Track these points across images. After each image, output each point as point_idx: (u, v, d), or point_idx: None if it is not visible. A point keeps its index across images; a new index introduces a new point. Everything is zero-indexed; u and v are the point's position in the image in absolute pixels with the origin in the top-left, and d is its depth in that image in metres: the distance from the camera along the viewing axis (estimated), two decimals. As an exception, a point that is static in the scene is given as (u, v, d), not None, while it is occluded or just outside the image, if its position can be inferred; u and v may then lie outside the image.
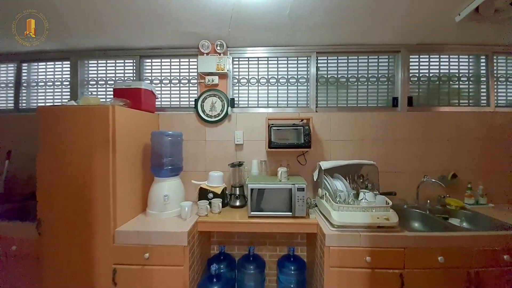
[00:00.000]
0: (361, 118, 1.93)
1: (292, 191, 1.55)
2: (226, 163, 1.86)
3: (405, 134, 1.92)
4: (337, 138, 1.93)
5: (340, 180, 1.64)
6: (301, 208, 1.55)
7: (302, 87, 2.02)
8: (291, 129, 1.73)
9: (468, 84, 2.00)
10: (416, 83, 1.99)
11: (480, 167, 1.92)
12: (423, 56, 1.99)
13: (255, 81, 2.02)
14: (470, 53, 1.99)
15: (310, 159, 1.92)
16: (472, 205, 1.83)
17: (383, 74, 2.00)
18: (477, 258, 1.32)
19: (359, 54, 1.99)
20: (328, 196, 1.53)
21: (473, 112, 1.94)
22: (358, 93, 2.01)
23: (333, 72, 2.01)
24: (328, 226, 1.43)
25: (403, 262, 1.33)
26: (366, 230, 1.36)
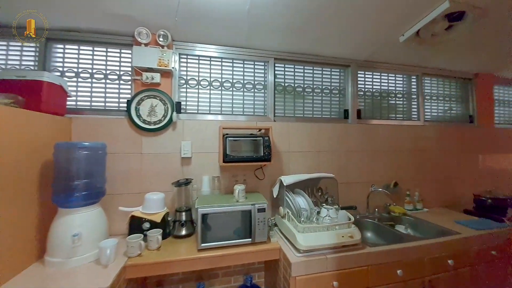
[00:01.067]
0: (317, 129, 1.89)
1: (252, 213, 1.33)
2: (169, 181, 1.50)
3: (355, 145, 1.98)
4: (296, 150, 1.83)
5: (302, 196, 1.51)
6: (262, 231, 1.34)
7: (259, 94, 1.85)
8: (249, 140, 1.52)
9: (402, 100, 2.24)
10: (363, 97, 2.10)
11: (415, 176, 2.13)
12: (368, 73, 2.12)
13: (206, 83, 1.74)
14: (404, 73, 2.23)
15: (268, 173, 1.75)
16: (411, 210, 2.00)
17: (335, 86, 2.04)
18: (428, 266, 1.37)
19: (314, 65, 1.98)
20: (291, 216, 1.37)
21: (408, 125, 2.16)
22: (314, 104, 1.98)
23: (290, 81, 1.93)
24: (293, 251, 1.25)
25: (367, 280, 1.27)
26: (332, 251, 1.25)
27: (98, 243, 1.11)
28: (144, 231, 1.28)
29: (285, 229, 1.41)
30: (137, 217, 1.31)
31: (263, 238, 1.34)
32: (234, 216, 1.32)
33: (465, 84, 2.46)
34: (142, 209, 1.34)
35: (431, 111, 2.31)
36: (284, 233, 1.42)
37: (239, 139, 1.49)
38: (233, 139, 1.47)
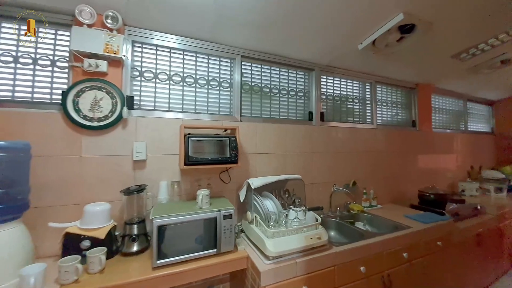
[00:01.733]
0: (284, 130, 1.87)
1: (217, 221, 1.21)
2: (118, 189, 1.28)
3: (319, 147, 2.02)
4: (263, 151, 1.77)
5: (270, 199, 1.45)
6: (229, 240, 1.23)
7: (225, 92, 1.75)
8: (214, 140, 1.40)
9: (359, 105, 2.39)
10: (325, 100, 2.18)
11: (370, 175, 2.29)
12: (330, 78, 2.21)
13: (165, 77, 1.56)
14: (360, 80, 2.40)
15: (235, 175, 1.65)
16: (368, 207, 2.13)
17: (300, 89, 2.06)
18: (386, 260, 1.45)
19: (281, 66, 1.97)
20: (259, 221, 1.29)
21: (363, 128, 2.31)
22: (280, 105, 1.96)
23: (257, 81, 1.88)
24: (262, 259, 1.17)
25: (334, 281, 1.26)
26: (302, 255, 1.21)
27: (19, 270, 0.85)
28: (83, 251, 1.04)
29: (253, 235, 1.32)
30: (74, 234, 1.06)
31: (229, 247, 1.23)
32: (197, 225, 1.18)
33: (409, 93, 2.77)
34: (80, 224, 1.10)
35: (382, 116, 2.53)
36: (252, 240, 1.33)
37: (203, 139, 1.36)
38: (196, 139, 1.34)
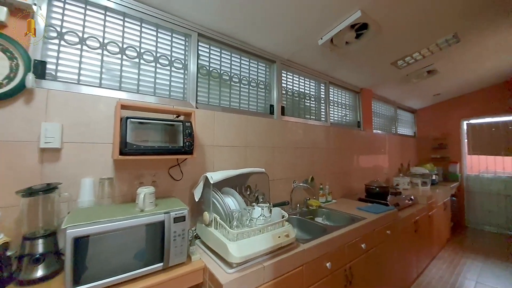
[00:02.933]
0: (245, 121, 1.71)
1: (165, 225, 0.94)
2: (14, 189, 0.87)
3: (280, 141, 1.94)
4: (222, 143, 1.56)
5: (231, 196, 1.25)
6: (180, 249, 0.97)
7: (178, 74, 1.48)
8: (163, 125, 1.12)
9: (315, 103, 2.45)
10: (285, 95, 2.13)
11: (325, 170, 2.34)
12: (290, 73, 2.18)
13: (97, 45, 1.20)
14: (316, 79, 2.46)
15: (188, 171, 1.39)
16: (324, 202, 2.15)
17: (261, 81, 1.96)
18: (347, 253, 1.43)
19: (242, 53, 1.82)
20: (220, 222, 1.08)
21: (319, 125, 2.37)
22: (241, 95, 1.80)
23: (215, 66, 1.67)
24: (223, 268, 0.96)
25: (302, 281, 1.15)
26: (269, 257, 1.05)
27: None
28: None
29: (211, 240, 1.09)
30: None
31: (181, 258, 0.98)
32: (136, 233, 0.88)
33: (355, 96, 3.02)
34: None
35: (334, 115, 2.66)
36: (210, 246, 1.10)
37: (148, 122, 1.07)
38: (138, 122, 1.04)
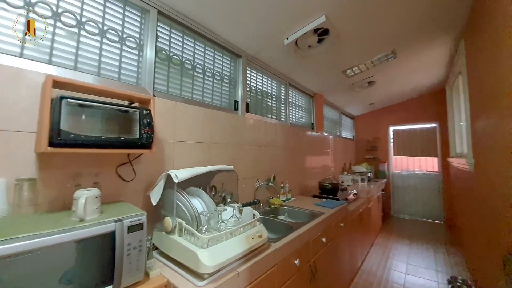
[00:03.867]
0: (210, 116, 1.58)
1: (116, 237, 0.74)
2: None
3: (244, 139, 1.87)
4: (184, 139, 1.39)
5: (197, 197, 1.11)
6: (136, 265, 0.78)
7: (131, 55, 1.24)
8: (114, 111, 0.90)
9: (276, 103, 2.48)
10: (249, 92, 2.08)
11: (285, 169, 2.39)
12: (254, 71, 2.15)
13: (19, 2, 0.88)
14: (278, 80, 2.50)
15: (142, 170, 1.17)
16: (285, 201, 2.18)
17: (226, 75, 1.85)
18: (312, 248, 1.46)
19: (206, 41, 1.67)
20: (187, 227, 0.93)
21: (279, 125, 2.41)
22: (204, 88, 1.65)
23: (177, 52, 1.48)
24: (192, 281, 0.82)
25: (274, 283, 1.10)
26: (243, 261, 0.96)
27: None
28: None
29: (174, 250, 0.93)
30: None
31: (137, 276, 0.79)
32: (74, 250, 0.66)
33: (310, 99, 3.21)
34: None
35: (292, 116, 2.76)
36: (174, 257, 0.94)
37: (92, 104, 0.84)
38: (79, 104, 0.80)
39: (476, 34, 1.76)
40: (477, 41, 1.76)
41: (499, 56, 1.32)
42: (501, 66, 1.32)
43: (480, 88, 1.77)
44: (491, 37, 1.45)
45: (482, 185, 1.78)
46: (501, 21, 1.26)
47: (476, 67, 1.87)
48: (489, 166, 1.60)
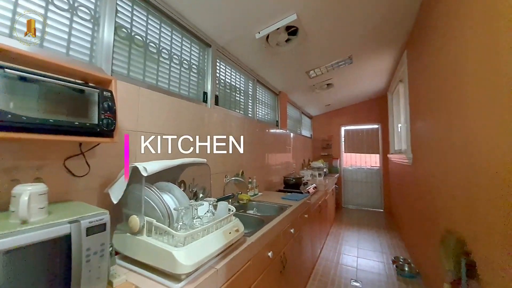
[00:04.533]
0: (178, 106, 1.45)
1: (72, 241, 0.61)
2: None
3: (213, 132, 1.80)
4: (149, 129, 1.24)
5: (167, 192, 1.00)
6: (98, 273, 0.66)
7: (83, 28, 1.04)
8: (67, 89, 0.74)
9: (244, 98, 2.46)
10: (218, 84, 2.01)
11: (252, 164, 2.39)
12: (223, 64, 2.07)
13: None
14: (246, 76, 2.48)
15: (96, 163, 1.00)
16: (253, 196, 2.19)
17: (194, 64, 1.73)
18: (282, 240, 1.50)
19: (174, 24, 1.53)
20: (160, 226, 0.83)
21: (248, 120, 2.40)
22: (171, 75, 1.52)
23: (140, 32, 1.31)
24: (167, 284, 0.74)
25: (249, 277, 1.09)
26: (221, 258, 0.92)
27: None
28: None
29: (143, 253, 0.82)
30: None
31: (98, 286, 0.67)
32: (14, 261, 0.51)
33: (275, 97, 3.29)
34: None
35: (259, 113, 2.79)
36: (142, 260, 0.82)
37: (38, 78, 0.66)
38: (19, 77, 0.62)
39: (417, 47, 2.07)
40: (417, 53, 2.08)
41: (434, 67, 1.57)
42: (435, 76, 1.58)
43: (418, 94, 2.09)
44: (428, 50, 1.73)
45: (419, 175, 2.11)
46: (439, 37, 1.50)
47: (415, 75, 2.20)
48: (425, 160, 1.91)
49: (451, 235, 1.26)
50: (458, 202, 1.25)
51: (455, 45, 1.25)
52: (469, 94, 1.10)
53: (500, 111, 0.86)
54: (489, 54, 0.93)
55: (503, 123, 0.84)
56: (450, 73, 1.34)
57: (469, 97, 1.11)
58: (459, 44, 1.20)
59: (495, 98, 0.89)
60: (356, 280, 2.12)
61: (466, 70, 1.13)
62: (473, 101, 1.07)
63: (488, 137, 0.94)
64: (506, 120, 0.82)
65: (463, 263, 1.06)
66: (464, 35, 1.14)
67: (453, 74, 1.29)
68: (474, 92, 1.05)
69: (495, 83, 0.88)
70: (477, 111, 1.03)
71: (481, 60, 0.98)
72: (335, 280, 2.12)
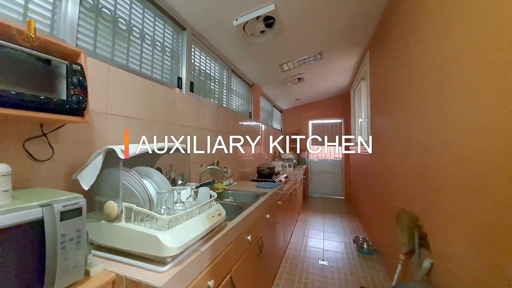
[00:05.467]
0: (151, 89, 1.37)
1: (45, 226, 0.55)
2: None
3: (189, 120, 1.74)
4: (120, 112, 1.15)
5: (146, 177, 0.95)
6: (74, 261, 0.62)
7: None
8: (32, 58, 0.64)
9: (219, 88, 2.42)
10: (193, 71, 1.94)
11: (227, 155, 2.39)
12: (198, 50, 2.00)
13: None
14: (221, 65, 2.43)
15: (63, 147, 0.90)
16: (228, 185, 2.20)
17: (168, 47, 1.64)
18: (260, 224, 1.55)
19: (146, 2, 1.42)
20: (141, 211, 0.79)
21: (223, 110, 2.37)
22: (142, 56, 1.41)
23: (108, 5, 1.19)
24: (152, 268, 0.72)
25: (231, 260, 1.11)
26: (204, 241, 0.92)
27: None
28: None
29: (123, 239, 0.78)
30: None
31: (75, 275, 0.62)
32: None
33: (248, 89, 3.30)
34: None
35: (234, 103, 2.77)
36: (122, 247, 0.78)
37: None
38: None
39: (379, 48, 2.28)
40: (378, 54, 2.30)
41: (392, 68, 1.77)
42: (392, 75, 1.78)
43: (378, 91, 2.32)
44: (387, 51, 1.93)
45: (377, 163, 2.37)
46: (398, 39, 1.69)
47: (376, 74, 2.44)
48: (382, 149, 2.15)
49: (405, 212, 1.46)
50: (411, 183, 1.45)
51: (413, 45, 1.43)
52: (421, 91, 1.28)
53: (446, 102, 1.02)
54: (441, 53, 1.09)
55: (449, 114, 1.00)
56: (405, 72, 1.53)
57: (420, 92, 1.28)
58: (416, 44, 1.38)
59: (439, 93, 1.05)
60: (323, 260, 2.31)
61: (420, 68, 1.31)
62: (425, 96, 1.24)
63: (438, 128, 1.12)
64: (452, 111, 0.98)
65: (416, 235, 1.25)
66: (421, 40, 1.31)
67: (408, 73, 1.48)
68: (426, 88, 1.23)
69: (441, 81, 1.05)
70: (428, 105, 1.21)
71: (433, 60, 1.15)
72: (305, 261, 2.28)
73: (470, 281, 0.86)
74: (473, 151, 0.84)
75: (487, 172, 0.77)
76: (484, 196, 0.79)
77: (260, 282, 1.57)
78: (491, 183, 0.75)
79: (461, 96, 0.93)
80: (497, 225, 0.73)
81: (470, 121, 0.87)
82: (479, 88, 0.82)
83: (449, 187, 1.01)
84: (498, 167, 0.72)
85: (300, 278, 2.00)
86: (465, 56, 0.90)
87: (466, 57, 0.90)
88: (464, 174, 0.90)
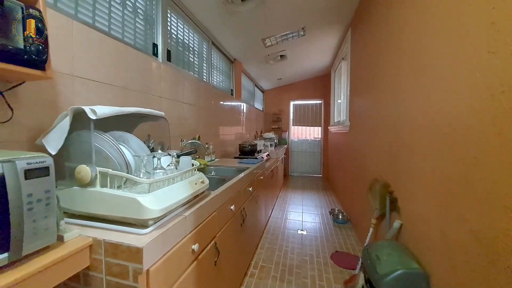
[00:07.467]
0: (124, 53, 1.25)
1: (6, 185, 0.50)
2: None
3: (166, 91, 1.65)
4: (88, 76, 1.04)
5: (122, 143, 0.89)
6: (45, 224, 0.57)
7: None
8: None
9: (198, 60, 2.29)
10: (170, 40, 1.80)
11: (208, 131, 2.34)
12: (174, 16, 1.84)
13: None
14: (202, 37, 2.28)
15: (24, 109, 0.80)
16: (210, 161, 2.18)
17: (141, 8, 1.48)
18: (242, 196, 1.58)
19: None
20: (118, 174, 0.75)
21: (203, 84, 2.27)
22: (111, 16, 1.27)
23: None
24: (133, 231, 0.70)
25: (215, 226, 1.13)
26: (187, 206, 0.91)
27: None
28: None
29: (99, 205, 0.74)
30: None
31: (46, 239, 0.58)
32: None
33: (230, 65, 3.18)
34: None
35: (214, 79, 2.67)
36: (99, 212, 0.74)
37: None
38: None
39: (360, 25, 2.29)
40: (360, 31, 2.31)
41: (371, 45, 1.80)
42: (370, 54, 1.81)
43: (357, 71, 2.37)
44: (369, 28, 1.94)
45: (354, 140, 2.48)
46: (378, 15, 1.70)
47: (356, 53, 2.47)
48: (359, 127, 2.24)
49: (377, 181, 1.57)
50: (384, 155, 1.54)
51: (392, 21, 1.45)
52: (398, 69, 1.32)
53: (424, 82, 1.07)
54: (419, 28, 1.11)
55: (425, 92, 1.05)
56: (383, 50, 1.56)
57: (397, 70, 1.33)
58: (395, 20, 1.40)
59: (418, 72, 1.09)
60: (302, 230, 2.45)
61: (400, 46, 1.34)
62: (400, 74, 1.29)
63: (412, 104, 1.18)
64: (427, 89, 1.03)
65: (388, 200, 1.36)
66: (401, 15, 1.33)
67: (387, 51, 1.51)
68: (403, 67, 1.27)
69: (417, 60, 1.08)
70: (405, 84, 1.26)
71: (411, 37, 1.18)
72: (285, 232, 2.40)
73: (436, 236, 0.96)
74: (441, 114, 0.91)
75: (448, 134, 0.84)
76: (448, 154, 0.86)
77: (243, 251, 1.63)
78: (453, 142, 0.82)
79: (429, 74, 0.97)
80: (459, 181, 0.81)
81: (439, 90, 0.92)
82: (448, 64, 0.86)
83: (415, 149, 1.09)
84: (461, 128, 0.79)
85: (280, 246, 2.11)
86: (443, 36, 0.93)
87: (443, 37, 0.93)
88: (428, 137, 0.97)
